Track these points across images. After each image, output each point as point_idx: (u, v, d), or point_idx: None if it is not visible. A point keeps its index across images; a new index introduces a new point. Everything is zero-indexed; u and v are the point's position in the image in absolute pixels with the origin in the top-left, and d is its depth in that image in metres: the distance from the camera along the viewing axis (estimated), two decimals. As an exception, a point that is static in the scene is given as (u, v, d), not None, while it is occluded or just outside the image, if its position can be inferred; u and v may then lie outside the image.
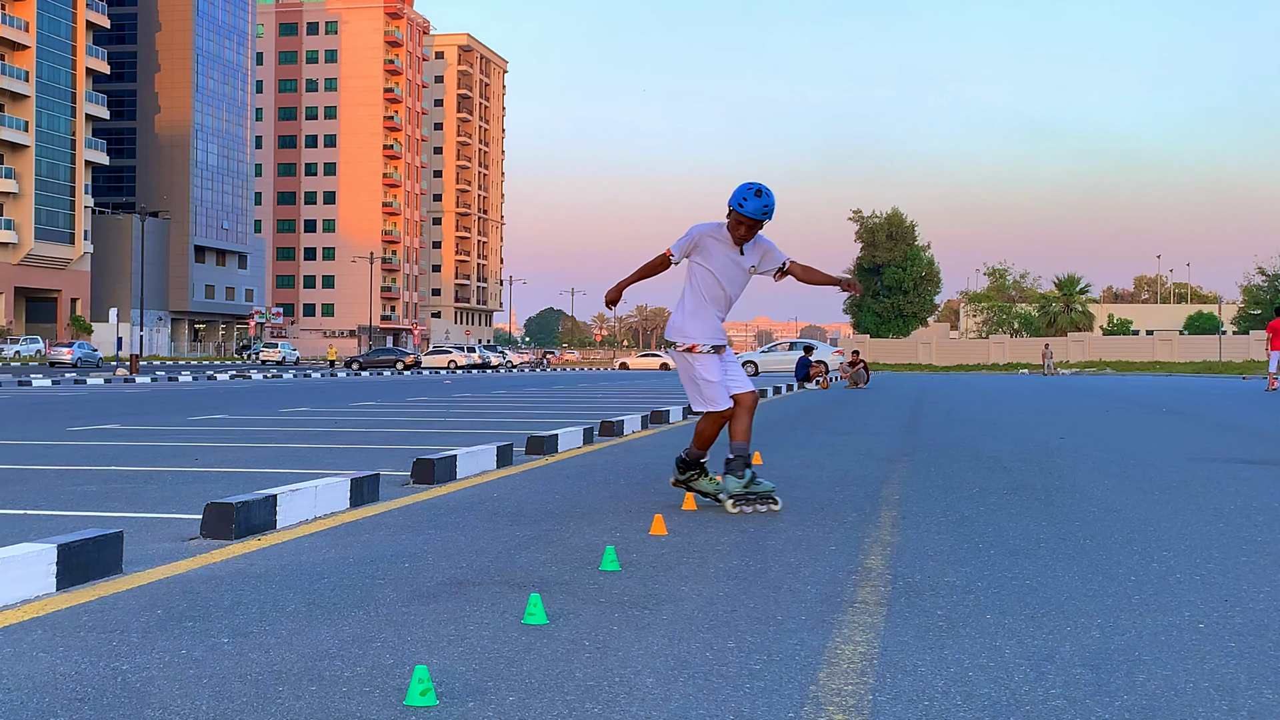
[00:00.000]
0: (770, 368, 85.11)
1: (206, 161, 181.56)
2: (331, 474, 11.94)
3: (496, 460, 15.21)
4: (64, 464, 15.52)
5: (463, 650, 5.98)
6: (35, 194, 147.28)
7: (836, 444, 19.62)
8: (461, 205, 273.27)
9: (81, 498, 11.98)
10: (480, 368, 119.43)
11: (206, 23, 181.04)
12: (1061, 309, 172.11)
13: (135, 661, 5.74)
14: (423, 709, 5.02)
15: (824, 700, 5.21)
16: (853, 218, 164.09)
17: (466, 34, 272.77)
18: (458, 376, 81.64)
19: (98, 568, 7.67)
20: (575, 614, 6.79)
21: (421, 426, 24.28)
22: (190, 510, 10.80)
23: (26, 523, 10.19)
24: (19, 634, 6.26)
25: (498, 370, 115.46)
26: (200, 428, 23.14)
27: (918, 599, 7.25)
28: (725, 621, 6.64)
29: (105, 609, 6.85)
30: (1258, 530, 10.04)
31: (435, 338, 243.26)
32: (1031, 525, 10.28)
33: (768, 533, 9.82)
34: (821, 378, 54.97)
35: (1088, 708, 5.11)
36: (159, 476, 14.01)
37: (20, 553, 7.10)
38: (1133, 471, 15.11)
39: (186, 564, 8.22)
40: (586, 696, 5.24)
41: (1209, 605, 7.11)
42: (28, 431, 21.76)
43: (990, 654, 5.97)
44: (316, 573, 7.96)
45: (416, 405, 34.32)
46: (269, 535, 9.44)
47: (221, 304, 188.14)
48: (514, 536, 9.56)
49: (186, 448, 18.38)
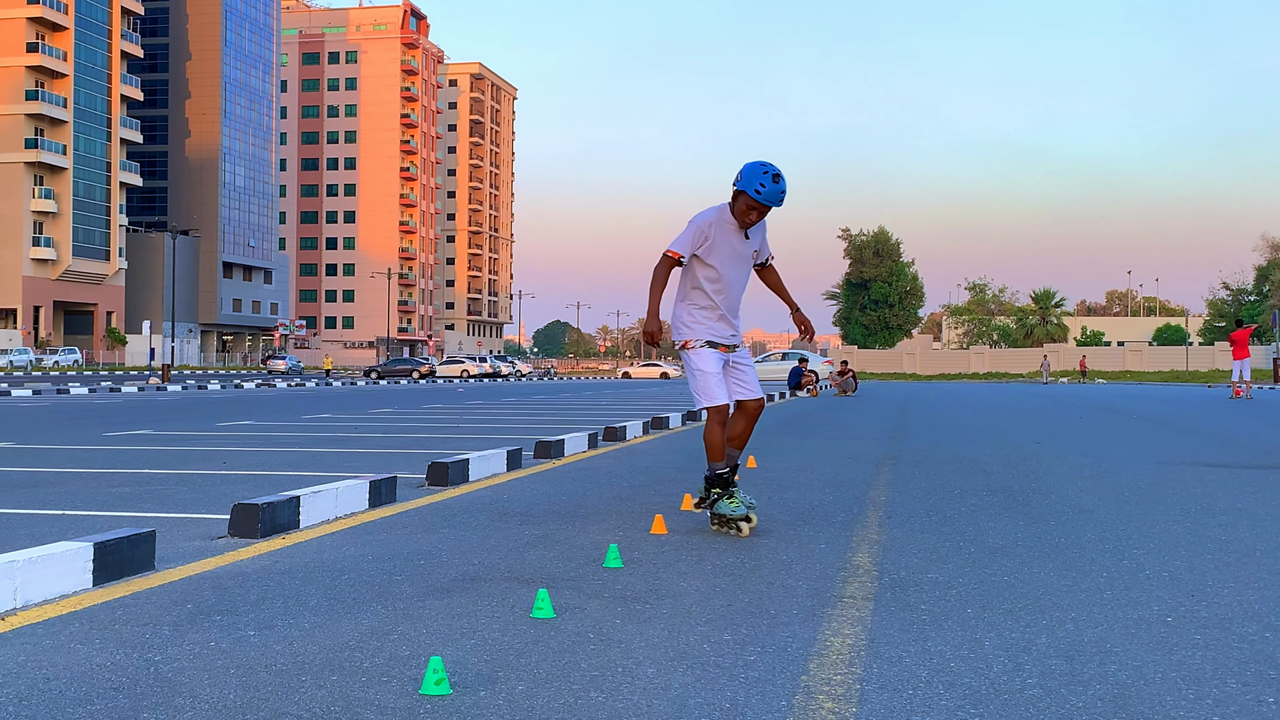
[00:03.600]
0: (764, 376, 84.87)
1: (234, 183, 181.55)
2: (351, 476, 11.95)
3: (507, 464, 15.20)
4: (100, 467, 15.51)
5: (475, 642, 5.98)
6: (73, 213, 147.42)
7: (826, 448, 19.60)
8: (474, 224, 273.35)
9: (116, 499, 11.98)
10: (491, 376, 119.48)
11: (234, 53, 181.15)
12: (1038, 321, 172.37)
13: (167, 653, 5.74)
14: (437, 698, 5.02)
15: (814, 689, 5.20)
16: (842, 235, 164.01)
17: (479, 63, 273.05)
18: (470, 385, 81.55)
19: (131, 565, 7.67)
20: (581, 608, 6.79)
21: (436, 432, 24.27)
22: (219, 510, 10.80)
23: (65, 522, 10.18)
24: (58, 627, 6.26)
25: (508, 379, 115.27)
26: (228, 433, 23.12)
27: (903, 594, 7.24)
28: (722, 615, 6.64)
29: (139, 604, 6.85)
30: (1222, 529, 10.03)
31: (449, 348, 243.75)
32: (1009, 525, 10.28)
33: (761, 532, 9.82)
34: (812, 386, 54.95)
35: (1063, 696, 5.11)
36: (189, 479, 14.01)
37: (59, 551, 7.10)
38: (1105, 474, 15.10)
39: (215, 561, 8.22)
40: (591, 686, 5.24)
41: (1176, 600, 7.11)
42: (66, 437, 21.76)
43: (971, 646, 5.97)
44: (337, 569, 7.96)
45: (431, 412, 34.31)
46: (293, 534, 9.43)
47: (248, 317, 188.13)
48: (523, 535, 9.55)
49: (215, 452, 18.37)
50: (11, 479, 13.95)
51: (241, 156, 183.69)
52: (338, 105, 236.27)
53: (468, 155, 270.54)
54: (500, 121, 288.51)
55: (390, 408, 37.12)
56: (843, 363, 61.46)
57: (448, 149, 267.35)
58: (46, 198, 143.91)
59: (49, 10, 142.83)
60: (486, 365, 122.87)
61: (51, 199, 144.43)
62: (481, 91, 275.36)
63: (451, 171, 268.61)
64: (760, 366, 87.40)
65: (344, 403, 41.91)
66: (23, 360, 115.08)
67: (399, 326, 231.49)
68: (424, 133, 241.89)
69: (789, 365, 77.24)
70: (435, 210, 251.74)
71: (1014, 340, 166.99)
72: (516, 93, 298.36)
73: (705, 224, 9.83)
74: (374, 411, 34.03)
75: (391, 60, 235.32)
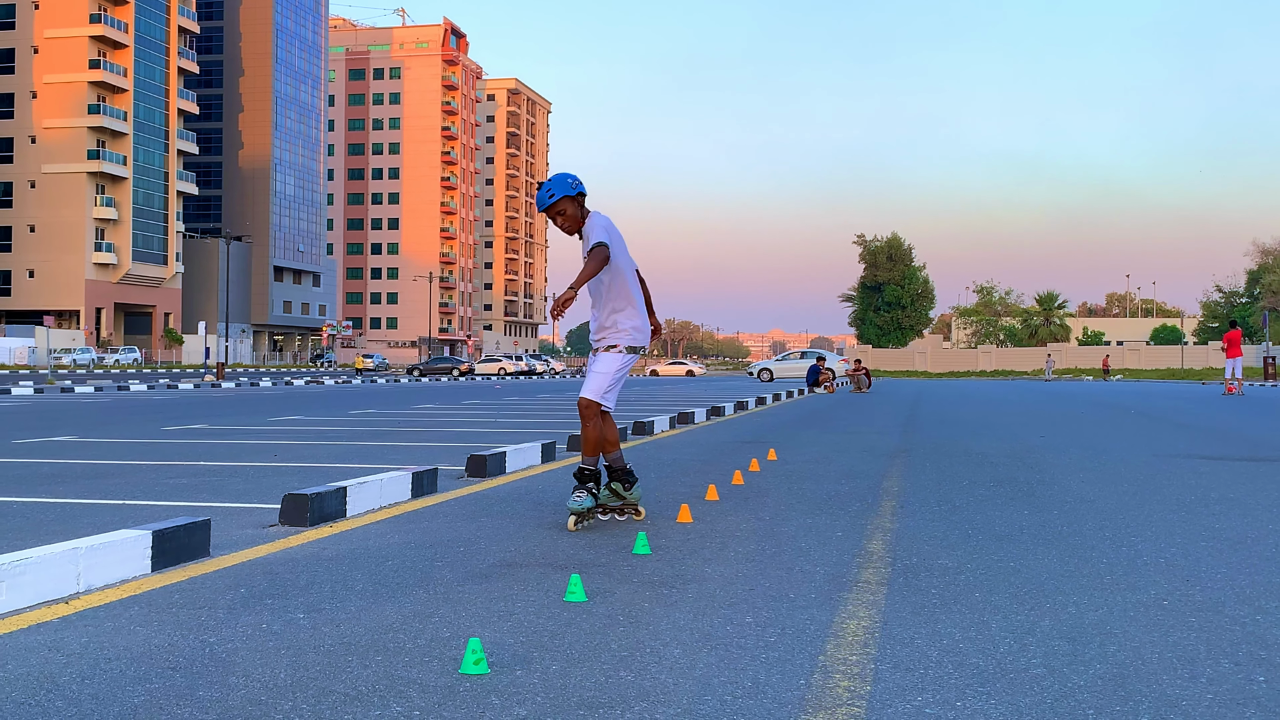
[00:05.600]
0: (784, 374, 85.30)
1: (284, 191, 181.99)
2: (395, 468, 11.95)
3: (541, 456, 15.20)
4: (158, 459, 15.55)
5: (511, 624, 5.98)
6: (133, 220, 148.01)
7: (842, 442, 19.58)
8: (510, 230, 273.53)
9: (174, 489, 12.01)
10: (527, 374, 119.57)
11: (285, 69, 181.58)
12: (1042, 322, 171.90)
13: (221, 634, 5.76)
14: (476, 677, 5.03)
15: (831, 668, 5.20)
16: (857, 241, 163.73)
17: (515, 79, 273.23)
18: (507, 382, 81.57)
19: (188, 551, 7.70)
20: (611, 592, 6.79)
21: (474, 426, 24.28)
22: (270, 500, 10.82)
23: (125, 511, 10.21)
24: (119, 610, 6.28)
25: (542, 376, 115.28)
26: (279, 427, 23.16)
27: (914, 579, 7.24)
28: (744, 599, 6.63)
29: (194, 588, 6.87)
30: (1215, 518, 10.01)
31: (487, 348, 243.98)
32: (1015, 514, 10.26)
33: (782, 520, 9.80)
34: (829, 383, 54.89)
35: (1065, 675, 5.11)
36: (242, 471, 14.04)
37: (120, 538, 7.12)
38: (1105, 466, 15.06)
39: (266, 548, 8.24)
40: (621, 665, 5.25)
41: (1172, 584, 7.09)
42: (127, 431, 21.80)
43: (979, 628, 5.96)
44: (382, 556, 7.97)
45: (470, 407, 34.32)
46: (340, 523, 9.45)
47: (298, 318, 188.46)
48: (557, 523, 9.56)
49: (266, 445, 18.40)
50: (75, 470, 14.00)
51: (291, 166, 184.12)
52: (382, 118, 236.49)
53: (504, 165, 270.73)
54: (535, 134, 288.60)
55: (431, 404, 37.14)
56: (857, 361, 61.43)
57: (486, 159, 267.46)
58: (108, 206, 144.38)
59: (111, 29, 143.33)
60: (522, 364, 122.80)
61: (112, 207, 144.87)
62: (518, 105, 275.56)
63: (489, 180, 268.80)
64: (779, 365, 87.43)
65: (388, 399, 41.95)
66: (85, 359, 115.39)
67: (440, 327, 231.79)
68: (463, 144, 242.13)
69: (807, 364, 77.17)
70: (474, 217, 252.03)
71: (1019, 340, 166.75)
72: (550, 106, 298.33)
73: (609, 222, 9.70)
74: (416, 407, 34.05)
75: (433, 76, 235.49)
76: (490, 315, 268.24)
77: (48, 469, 14.24)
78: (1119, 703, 4.73)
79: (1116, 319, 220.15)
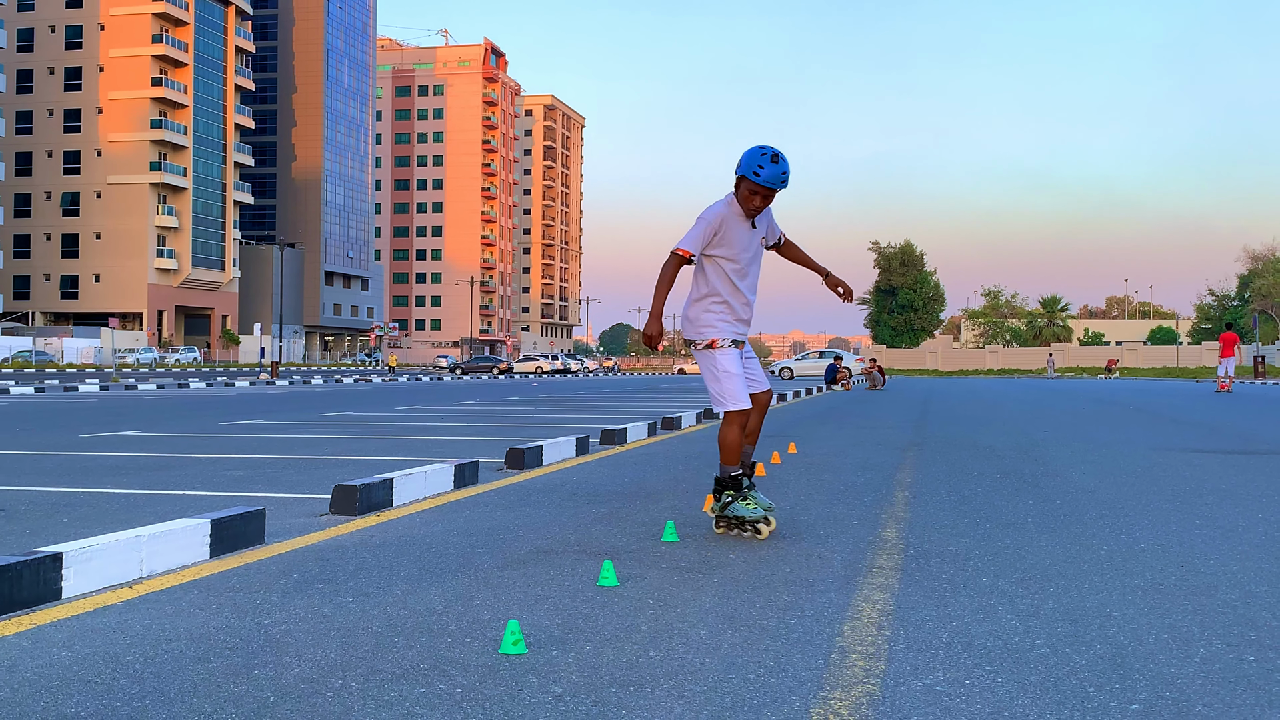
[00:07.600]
0: (803, 372, 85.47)
1: (335, 201, 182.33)
2: (438, 461, 11.97)
3: (575, 449, 15.21)
4: (216, 452, 15.58)
5: (548, 607, 5.99)
6: (192, 228, 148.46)
7: (858, 436, 19.55)
8: (546, 238, 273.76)
9: (231, 480, 12.04)
10: (562, 373, 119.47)
11: (335, 87, 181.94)
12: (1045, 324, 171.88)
13: (275, 617, 5.78)
14: (515, 656, 5.04)
15: (848, 649, 5.20)
16: (872, 248, 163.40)
17: (551, 95, 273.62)
18: (543, 380, 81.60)
19: (244, 539, 7.71)
20: (641, 577, 6.79)
21: (513, 421, 24.29)
22: (321, 491, 10.85)
23: (185, 501, 10.24)
24: (179, 594, 6.30)
25: (576, 375, 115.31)
26: (329, 423, 23.20)
27: (926, 565, 7.23)
28: (766, 583, 6.63)
29: (250, 573, 6.88)
30: (1208, 508, 9.98)
31: (524, 348, 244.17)
32: (1020, 503, 10.24)
33: (801, 510, 9.80)
34: (845, 381, 54.86)
35: (1068, 655, 5.10)
36: (295, 463, 14.06)
37: (180, 526, 7.15)
38: (1105, 458, 15.03)
39: (318, 536, 8.25)
40: (650, 646, 5.25)
41: (1168, 570, 7.07)
42: (187, 425, 21.86)
43: (986, 610, 5.95)
44: (426, 543, 7.98)
45: (509, 404, 34.33)
46: (387, 512, 9.46)
47: (347, 320, 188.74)
48: (590, 513, 9.56)
49: (318, 439, 18.43)
50: (139, 463, 14.04)
51: (341, 178, 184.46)
52: (426, 133, 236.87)
53: (541, 177, 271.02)
54: (570, 146, 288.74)
55: (473, 400, 37.18)
56: (872, 360, 61.45)
57: (524, 171, 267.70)
58: (169, 214, 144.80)
59: (171, 49, 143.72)
60: (558, 363, 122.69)
61: (173, 216, 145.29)
62: (554, 120, 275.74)
63: (527, 191, 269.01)
64: (799, 364, 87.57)
65: (432, 396, 42.01)
66: (148, 358, 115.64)
67: (480, 328, 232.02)
68: (503, 157, 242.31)
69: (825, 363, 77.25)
70: (513, 225, 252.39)
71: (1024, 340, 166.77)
72: (585, 121, 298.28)
73: (713, 218, 8.33)
74: (458, 404, 34.09)
75: (474, 93, 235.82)
76: (528, 317, 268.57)
77: (113, 461, 14.28)
78: (1118, 681, 4.72)
79: (1116, 320, 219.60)
